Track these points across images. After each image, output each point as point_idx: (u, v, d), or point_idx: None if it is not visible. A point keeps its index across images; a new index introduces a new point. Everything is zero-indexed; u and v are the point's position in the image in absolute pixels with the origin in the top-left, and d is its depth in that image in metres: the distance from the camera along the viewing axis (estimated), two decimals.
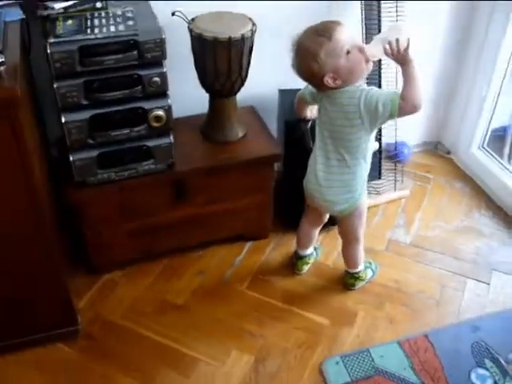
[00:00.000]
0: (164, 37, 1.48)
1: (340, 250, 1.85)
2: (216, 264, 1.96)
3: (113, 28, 1.46)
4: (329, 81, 1.44)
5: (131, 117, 1.56)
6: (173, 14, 1.63)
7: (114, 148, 1.61)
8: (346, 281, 1.86)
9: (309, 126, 1.79)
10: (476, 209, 2.23)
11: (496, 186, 2.27)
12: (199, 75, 1.76)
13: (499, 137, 2.44)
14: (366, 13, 1.94)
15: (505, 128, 2.48)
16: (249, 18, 1.70)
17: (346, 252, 1.81)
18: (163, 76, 1.53)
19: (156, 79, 1.52)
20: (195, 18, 1.69)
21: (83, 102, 1.49)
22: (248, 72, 1.77)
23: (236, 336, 1.71)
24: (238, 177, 1.83)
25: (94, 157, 1.59)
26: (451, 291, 1.87)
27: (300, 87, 1.68)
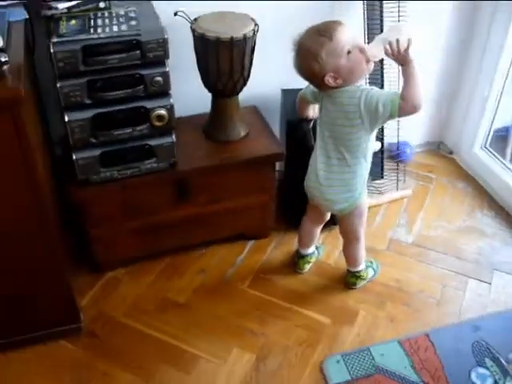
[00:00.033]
0: (166, 37, 1.48)
1: (341, 249, 1.86)
2: (218, 263, 1.97)
3: (115, 28, 1.47)
4: (330, 80, 1.45)
5: (134, 116, 1.57)
6: (175, 14, 1.64)
7: (117, 147, 1.62)
8: (348, 280, 1.86)
9: (311, 126, 1.80)
10: (478, 209, 2.23)
11: (498, 186, 2.27)
12: (201, 75, 1.77)
13: (501, 137, 2.44)
14: (369, 13, 1.95)
15: (507, 128, 2.47)
16: (251, 18, 1.71)
17: (347, 251, 1.82)
18: (165, 75, 1.54)
19: (158, 79, 1.53)
20: (198, 18, 1.70)
21: (86, 101, 1.50)
22: (250, 72, 1.77)
23: (237, 334, 1.72)
24: (240, 176, 1.84)
25: (97, 155, 1.60)
26: (452, 291, 1.87)
27: (302, 87, 1.69)
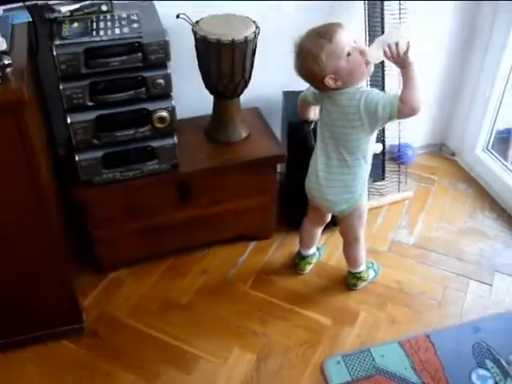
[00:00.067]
0: (168, 39, 1.49)
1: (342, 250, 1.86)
2: (219, 264, 1.98)
3: (118, 30, 1.49)
4: (330, 82, 1.46)
5: (136, 118, 1.59)
6: (177, 17, 1.65)
7: (119, 148, 1.63)
8: (349, 281, 1.87)
9: (312, 128, 1.80)
10: (480, 210, 2.23)
11: (500, 188, 2.27)
12: (203, 77, 1.78)
13: (503, 139, 2.44)
14: (370, 13, 1.95)
15: (509, 130, 2.47)
16: (252, 21, 1.72)
17: (347, 251, 1.82)
18: (167, 78, 1.55)
19: (160, 81, 1.54)
20: (199, 21, 1.71)
21: (88, 103, 1.52)
22: (251, 74, 1.78)
23: (238, 334, 1.72)
24: (242, 177, 1.85)
25: (100, 157, 1.62)
26: (454, 292, 1.87)
27: (304, 89, 1.69)
